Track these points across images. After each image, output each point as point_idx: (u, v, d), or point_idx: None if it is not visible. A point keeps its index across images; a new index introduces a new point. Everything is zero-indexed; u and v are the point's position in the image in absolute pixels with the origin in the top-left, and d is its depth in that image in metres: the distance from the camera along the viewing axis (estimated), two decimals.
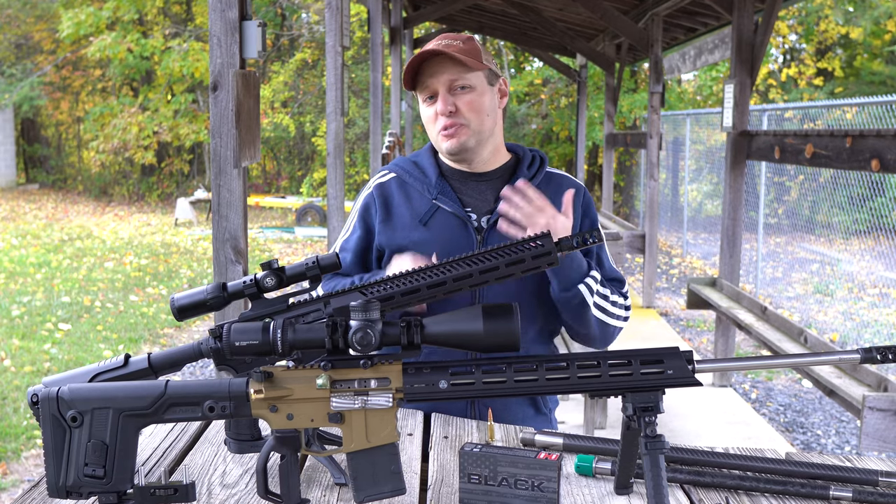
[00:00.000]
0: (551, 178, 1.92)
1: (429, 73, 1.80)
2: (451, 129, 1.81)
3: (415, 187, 1.88)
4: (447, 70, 1.80)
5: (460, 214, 1.83)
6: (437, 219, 1.84)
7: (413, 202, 1.86)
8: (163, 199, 18.52)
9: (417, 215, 1.85)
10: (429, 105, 1.84)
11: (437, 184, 1.86)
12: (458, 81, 1.80)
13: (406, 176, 1.90)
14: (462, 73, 1.80)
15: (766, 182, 10.00)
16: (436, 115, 1.82)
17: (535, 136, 17.45)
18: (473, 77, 1.81)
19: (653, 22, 7.84)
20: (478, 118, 1.82)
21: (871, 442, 3.42)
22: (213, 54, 2.47)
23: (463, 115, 1.81)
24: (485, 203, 1.87)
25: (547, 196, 1.83)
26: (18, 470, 4.46)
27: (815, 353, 1.25)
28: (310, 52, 18.25)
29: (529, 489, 1.32)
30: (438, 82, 1.80)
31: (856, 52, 16.34)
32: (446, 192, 1.85)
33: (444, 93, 1.80)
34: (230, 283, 1.25)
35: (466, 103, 1.81)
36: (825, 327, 7.97)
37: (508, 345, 1.18)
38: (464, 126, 1.81)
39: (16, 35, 19.29)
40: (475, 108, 1.81)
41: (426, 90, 1.83)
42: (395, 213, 1.87)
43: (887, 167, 3.97)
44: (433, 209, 1.84)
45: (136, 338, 7.09)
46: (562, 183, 1.91)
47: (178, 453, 1.59)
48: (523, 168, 1.89)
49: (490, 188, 1.88)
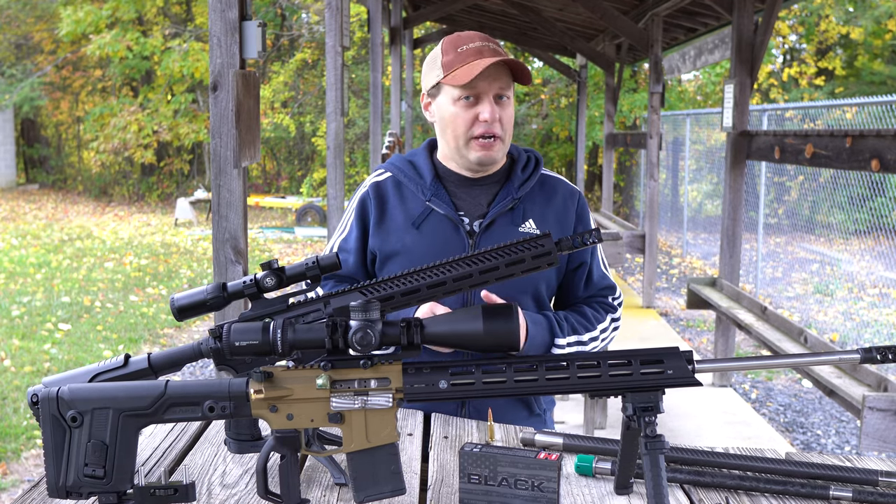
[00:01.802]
0: (545, 182, 1.91)
1: (483, 74, 1.74)
2: (489, 139, 1.79)
3: (409, 188, 1.87)
4: (502, 78, 1.77)
5: (453, 217, 1.82)
6: (429, 221, 1.83)
7: (407, 203, 1.85)
8: (163, 199, 18.52)
9: (411, 218, 1.84)
10: (466, 106, 1.78)
11: (432, 185, 1.85)
12: (506, 91, 1.79)
13: (401, 175, 1.88)
14: (510, 84, 1.79)
15: (766, 182, 10.00)
16: (474, 120, 1.78)
17: (535, 137, 17.45)
18: (510, 91, 1.81)
19: (653, 22, 7.84)
20: (509, 132, 1.82)
21: (871, 442, 3.42)
22: (213, 54, 2.48)
23: (503, 127, 1.80)
24: (478, 207, 1.86)
25: (539, 199, 1.85)
26: (18, 470, 4.46)
27: (815, 353, 1.25)
28: (310, 52, 18.25)
29: (529, 489, 1.32)
30: (491, 88, 1.77)
31: (856, 51, 16.34)
32: (440, 195, 1.84)
33: (492, 100, 1.77)
34: (230, 283, 1.25)
35: (508, 116, 1.80)
36: (825, 327, 7.97)
37: (508, 345, 1.18)
38: (499, 139, 1.80)
39: (16, 35, 19.29)
40: (510, 122, 1.82)
41: (471, 90, 1.77)
42: (390, 214, 1.86)
43: (887, 167, 3.97)
44: (427, 211, 1.83)
45: (136, 338, 7.09)
46: (556, 187, 1.90)
47: (178, 453, 1.59)
48: (517, 170, 1.88)
49: (484, 192, 1.87)
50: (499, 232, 1.82)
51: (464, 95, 1.77)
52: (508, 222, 1.83)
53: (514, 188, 1.85)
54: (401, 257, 1.83)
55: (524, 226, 1.83)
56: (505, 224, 1.83)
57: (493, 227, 1.82)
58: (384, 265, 1.86)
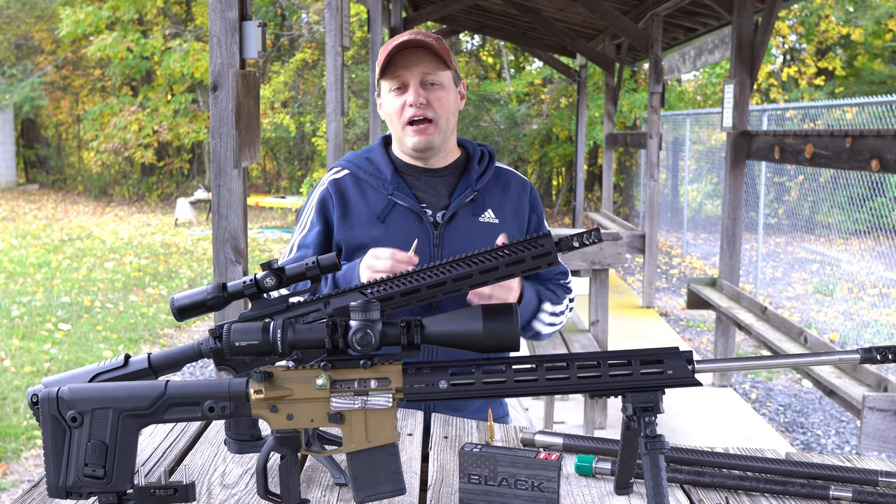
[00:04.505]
0: (500, 174, 1.96)
1: (403, 63, 1.81)
2: (420, 124, 1.83)
3: (369, 183, 1.89)
4: (423, 63, 1.81)
5: (416, 209, 1.85)
6: (393, 215, 1.86)
7: (369, 198, 1.88)
8: (163, 199, 18.52)
9: (374, 212, 1.86)
10: (397, 95, 1.84)
11: (393, 179, 1.88)
12: (431, 76, 1.82)
13: (360, 172, 1.91)
14: (436, 68, 1.82)
15: (766, 182, 10.00)
16: (403, 106, 1.83)
17: (535, 137, 17.44)
18: (444, 75, 1.84)
19: (653, 22, 7.84)
20: (445, 116, 1.85)
21: (871, 442, 3.42)
22: (213, 54, 2.48)
23: (433, 110, 1.83)
24: (439, 198, 1.89)
25: (495, 191, 1.91)
26: (18, 470, 4.46)
27: (815, 353, 1.25)
28: (310, 52, 18.25)
29: (529, 489, 1.32)
30: (412, 74, 1.81)
31: (856, 51, 16.34)
32: (402, 188, 1.87)
33: (416, 85, 1.82)
34: (230, 283, 1.25)
35: (437, 100, 1.83)
36: (825, 327, 7.97)
37: (508, 345, 1.18)
38: (433, 122, 1.83)
39: (16, 35, 19.28)
40: (444, 105, 1.84)
41: (396, 79, 1.83)
42: (352, 209, 1.88)
43: (887, 167, 3.97)
44: (390, 205, 1.86)
45: (136, 338, 7.09)
46: (510, 179, 1.96)
47: (178, 453, 1.59)
48: (474, 164, 1.92)
49: (444, 183, 1.91)
50: (461, 223, 1.87)
51: (394, 87, 1.84)
52: (469, 213, 1.88)
53: (473, 181, 1.90)
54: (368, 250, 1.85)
55: (483, 216, 1.89)
56: (466, 215, 1.88)
57: (455, 219, 1.87)
58: (351, 258, 1.87)
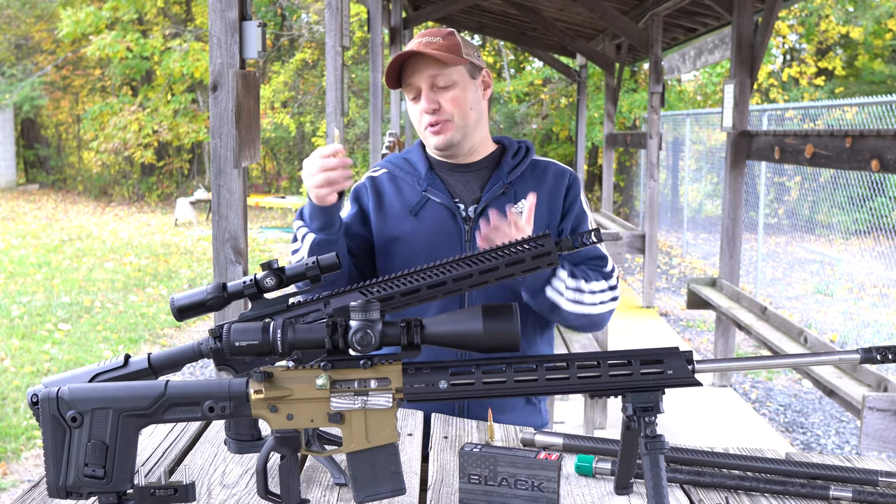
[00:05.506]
0: (537, 165, 1.95)
1: (409, 72, 1.85)
2: (436, 125, 1.85)
3: (405, 180, 1.93)
4: (427, 68, 1.83)
5: (449, 205, 1.88)
6: (427, 209, 1.89)
7: (404, 194, 1.92)
8: (163, 199, 18.51)
9: (408, 206, 1.90)
10: (415, 103, 1.89)
11: (427, 176, 1.91)
12: (438, 78, 1.83)
13: (396, 170, 1.95)
14: (442, 69, 1.83)
15: (766, 182, 10.00)
16: (421, 113, 1.87)
17: (535, 137, 17.44)
18: (454, 73, 1.85)
19: (653, 22, 7.84)
20: (461, 113, 1.86)
21: (871, 442, 3.42)
22: (213, 54, 2.48)
23: (447, 112, 1.85)
24: (472, 193, 1.91)
25: (530, 182, 1.89)
26: (18, 470, 4.46)
27: (815, 353, 1.24)
28: (310, 52, 18.25)
29: (529, 489, 1.32)
30: (420, 81, 1.84)
31: (856, 51, 16.34)
32: (435, 184, 1.90)
33: (427, 91, 1.84)
34: (230, 283, 1.25)
35: (449, 100, 1.85)
36: (825, 327, 7.97)
37: (508, 345, 1.18)
38: (448, 122, 1.85)
39: (16, 35, 19.28)
40: (458, 103, 1.85)
41: (410, 89, 1.87)
42: (387, 203, 1.92)
43: (887, 167, 3.97)
44: (423, 200, 1.89)
45: (136, 338, 7.09)
46: (547, 168, 1.94)
47: (178, 453, 1.59)
48: (508, 157, 1.92)
49: (476, 178, 1.93)
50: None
51: (411, 96, 1.88)
52: (501, 206, 1.86)
53: (504, 174, 1.90)
54: (400, 243, 1.89)
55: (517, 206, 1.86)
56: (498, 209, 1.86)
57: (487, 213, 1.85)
58: (383, 250, 1.90)
